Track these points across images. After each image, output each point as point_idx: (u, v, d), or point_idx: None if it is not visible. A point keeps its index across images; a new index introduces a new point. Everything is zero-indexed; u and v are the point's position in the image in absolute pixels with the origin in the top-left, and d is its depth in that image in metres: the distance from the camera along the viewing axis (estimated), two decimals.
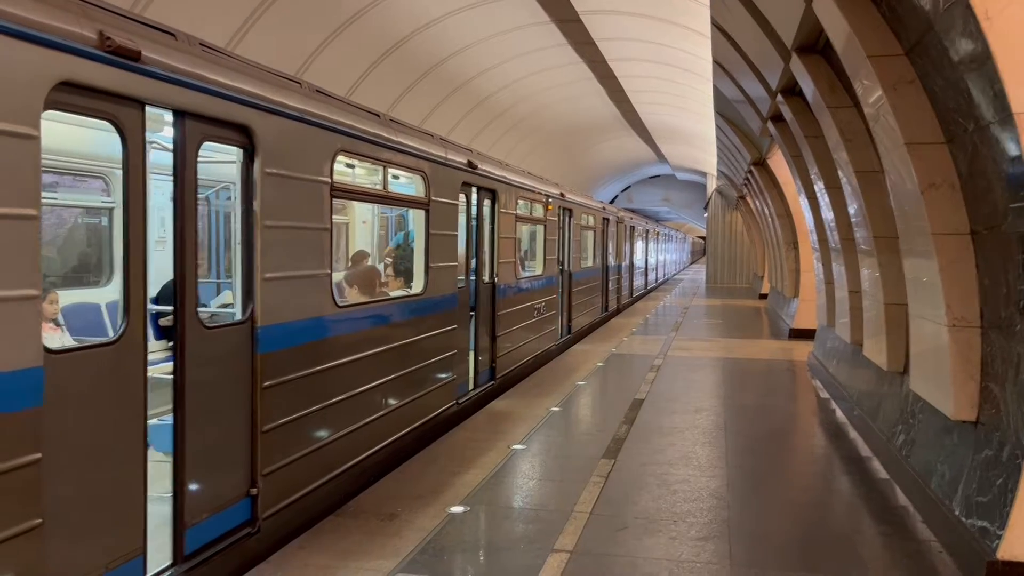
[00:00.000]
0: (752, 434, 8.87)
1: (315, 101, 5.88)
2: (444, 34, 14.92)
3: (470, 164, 9.22)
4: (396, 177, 7.94)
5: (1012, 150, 4.53)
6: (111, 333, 5.38)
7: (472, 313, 9.76)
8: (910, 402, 7.09)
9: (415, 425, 7.75)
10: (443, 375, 8.47)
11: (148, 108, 4.11)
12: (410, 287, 8.44)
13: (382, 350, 6.99)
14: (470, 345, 9.62)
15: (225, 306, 6.24)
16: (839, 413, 9.74)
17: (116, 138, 3.98)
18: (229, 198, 6.48)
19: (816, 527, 6.03)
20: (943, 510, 5.58)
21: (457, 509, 6.08)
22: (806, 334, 16.48)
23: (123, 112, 3.96)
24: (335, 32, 12.56)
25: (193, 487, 4.55)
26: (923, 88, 5.69)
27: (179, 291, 4.42)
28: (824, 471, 7.60)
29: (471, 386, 9.67)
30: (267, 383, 5.23)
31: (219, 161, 5.76)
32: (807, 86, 8.31)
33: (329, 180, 5.99)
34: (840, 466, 7.57)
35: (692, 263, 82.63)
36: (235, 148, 5.00)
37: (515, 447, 7.88)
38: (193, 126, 4.49)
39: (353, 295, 7.77)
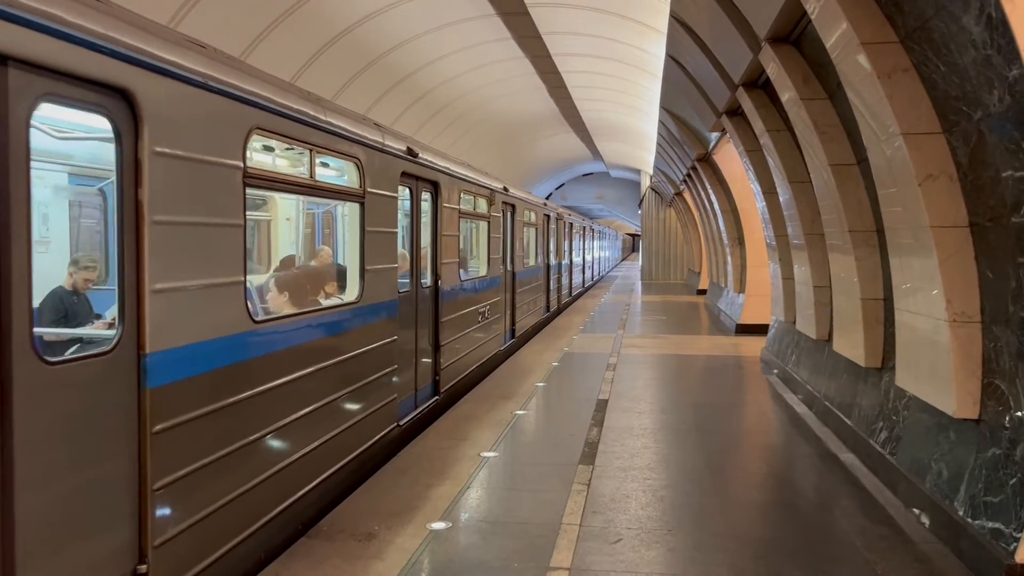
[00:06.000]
0: (723, 433, 8.70)
1: (222, 65, 4.68)
2: (389, 25, 14.39)
3: (410, 152, 8.09)
4: (325, 165, 6.68)
5: None
6: None
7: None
8: (892, 398, 6.97)
9: (350, 458, 6.59)
10: (383, 395, 7.35)
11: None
12: (341, 294, 7.17)
13: (309, 372, 5.80)
14: (412, 358, 8.56)
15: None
16: (802, 408, 9.66)
17: None
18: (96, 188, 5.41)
19: (816, 531, 5.80)
20: (944, 510, 5.43)
21: (438, 525, 5.66)
22: (753, 329, 16.55)
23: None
24: (278, 19, 11.92)
25: None
26: (919, 76, 5.53)
27: (2, 309, 3.12)
28: (805, 470, 7.43)
29: (413, 405, 8.64)
30: (160, 425, 4.00)
31: (84, 138, 4.70)
32: (779, 77, 8.14)
33: (242, 165, 4.79)
34: (819, 464, 7.42)
35: (623, 260, 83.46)
36: (109, 118, 3.75)
37: (486, 455, 7.49)
38: (29, 80, 3.22)
39: (277, 306, 6.73)
